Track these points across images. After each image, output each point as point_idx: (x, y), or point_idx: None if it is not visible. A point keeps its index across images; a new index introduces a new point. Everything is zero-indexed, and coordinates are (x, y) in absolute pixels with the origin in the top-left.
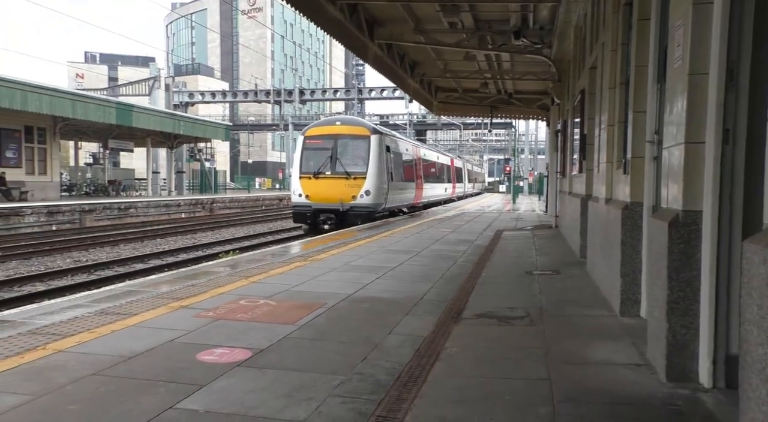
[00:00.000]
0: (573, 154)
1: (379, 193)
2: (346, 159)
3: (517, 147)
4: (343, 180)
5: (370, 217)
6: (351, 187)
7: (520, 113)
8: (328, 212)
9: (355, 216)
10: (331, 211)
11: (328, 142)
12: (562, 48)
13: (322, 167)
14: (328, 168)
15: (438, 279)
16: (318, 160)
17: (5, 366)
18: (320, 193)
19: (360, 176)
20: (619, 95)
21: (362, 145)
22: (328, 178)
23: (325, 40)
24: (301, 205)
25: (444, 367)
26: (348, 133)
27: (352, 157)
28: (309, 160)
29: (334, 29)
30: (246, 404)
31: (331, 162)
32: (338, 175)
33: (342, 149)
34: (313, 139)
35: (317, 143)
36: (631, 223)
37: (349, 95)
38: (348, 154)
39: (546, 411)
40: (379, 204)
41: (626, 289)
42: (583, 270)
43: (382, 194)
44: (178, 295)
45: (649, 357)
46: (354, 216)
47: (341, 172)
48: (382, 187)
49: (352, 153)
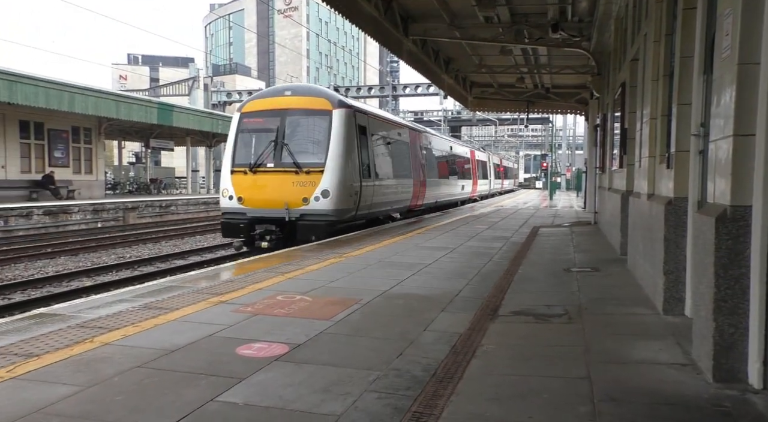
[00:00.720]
0: (613, 149)
1: (345, 194)
2: (296, 144)
3: (554, 142)
4: (292, 175)
5: (330, 230)
6: (302, 185)
7: (557, 108)
8: (268, 222)
9: (307, 229)
10: (272, 221)
11: (272, 120)
12: (601, 40)
13: (262, 157)
14: (271, 158)
15: (473, 276)
16: (257, 146)
17: (56, 358)
18: (258, 194)
19: (316, 169)
20: (662, 87)
21: (321, 123)
22: (271, 172)
23: (360, 37)
24: (231, 211)
25: (480, 364)
26: (301, 107)
27: (305, 141)
28: (244, 147)
29: (369, 26)
30: (284, 398)
31: (275, 149)
32: (285, 169)
33: (292, 130)
34: (252, 117)
35: (257, 123)
36: (674, 219)
37: (383, 92)
38: (300, 136)
39: (586, 410)
40: (345, 210)
41: (670, 287)
42: (624, 268)
43: (349, 195)
44: (217, 291)
45: (694, 356)
46: (306, 229)
47: (289, 163)
48: (349, 186)
49: (306, 135)
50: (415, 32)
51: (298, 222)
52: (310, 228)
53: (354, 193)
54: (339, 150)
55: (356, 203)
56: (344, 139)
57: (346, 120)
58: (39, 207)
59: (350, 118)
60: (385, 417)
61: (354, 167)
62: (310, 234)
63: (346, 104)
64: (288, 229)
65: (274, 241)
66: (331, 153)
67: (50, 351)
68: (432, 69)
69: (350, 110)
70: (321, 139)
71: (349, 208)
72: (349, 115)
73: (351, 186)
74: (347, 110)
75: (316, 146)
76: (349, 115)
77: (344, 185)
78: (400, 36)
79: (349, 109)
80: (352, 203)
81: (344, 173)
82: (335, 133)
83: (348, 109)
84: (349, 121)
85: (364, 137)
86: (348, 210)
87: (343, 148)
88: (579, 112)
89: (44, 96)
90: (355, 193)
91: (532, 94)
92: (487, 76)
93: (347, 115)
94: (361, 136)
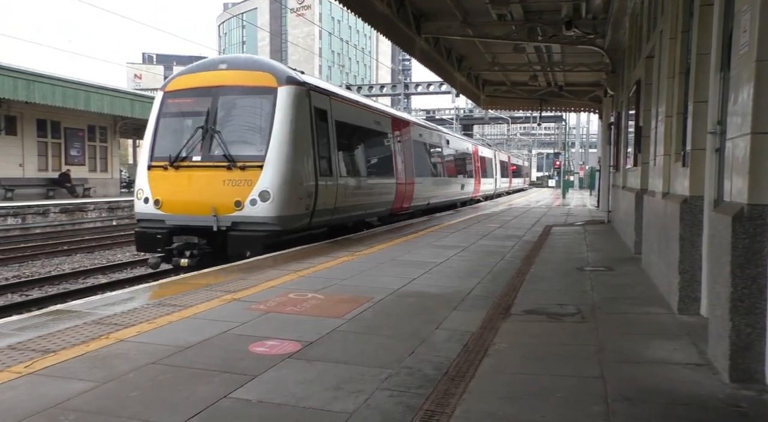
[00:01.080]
0: (627, 147)
1: (292, 196)
2: (230, 132)
3: (568, 140)
4: (223, 172)
5: (270, 243)
6: (236, 184)
7: (570, 106)
8: (192, 232)
9: (239, 242)
10: (197, 231)
11: (202, 100)
12: (616, 37)
13: (187, 149)
14: (198, 150)
15: (485, 275)
16: (181, 135)
17: (73, 354)
18: (181, 196)
19: (253, 164)
20: (678, 85)
21: (263, 105)
22: (197, 167)
23: (372, 35)
24: (147, 218)
25: (492, 363)
26: (238, 84)
27: (242, 128)
28: (166, 136)
29: (381, 24)
30: (296, 395)
31: (204, 138)
32: (214, 163)
33: (225, 114)
34: (178, 97)
35: (184, 104)
36: (690, 218)
37: (395, 90)
38: (235, 122)
39: (600, 409)
40: (293, 216)
41: (685, 286)
42: (638, 267)
43: (299, 198)
44: (230, 288)
45: (710, 356)
46: (238, 242)
47: (219, 156)
48: (299, 186)
49: (244, 120)
50: (428, 30)
51: (229, 232)
52: (243, 240)
53: (307, 194)
54: (285, 139)
55: (310, 207)
56: (293, 124)
57: (297, 100)
58: (55, 205)
59: (302, 99)
60: (397, 415)
61: (307, 161)
62: (243, 249)
63: (297, 80)
64: (219, 242)
65: (197, 258)
66: (274, 143)
67: (67, 348)
68: (444, 67)
69: (302, 88)
70: (262, 125)
71: (300, 214)
72: (301, 94)
73: (301, 185)
74: (298, 88)
75: (256, 134)
76: (301, 95)
77: (291, 184)
78: (413, 34)
79: (301, 86)
80: (304, 207)
81: (291, 169)
82: (281, 116)
83: (299, 86)
84: (301, 102)
85: (324, 124)
86: (298, 216)
87: (290, 137)
88: (593, 110)
89: (61, 95)
90: (308, 195)
91: (545, 92)
92: (499, 74)
93: (298, 95)
94: (320, 123)
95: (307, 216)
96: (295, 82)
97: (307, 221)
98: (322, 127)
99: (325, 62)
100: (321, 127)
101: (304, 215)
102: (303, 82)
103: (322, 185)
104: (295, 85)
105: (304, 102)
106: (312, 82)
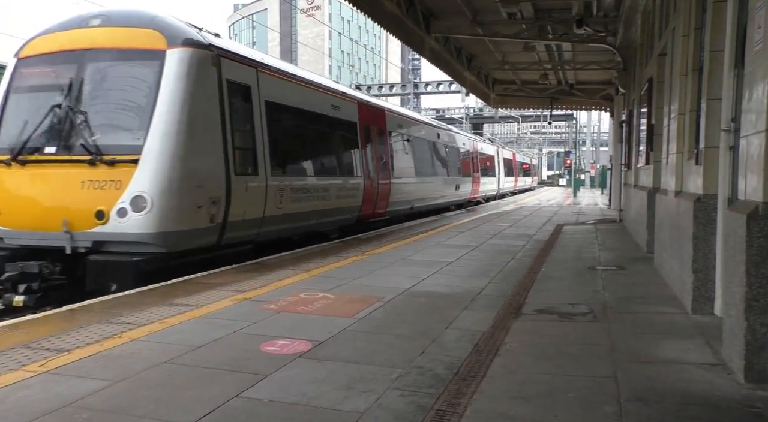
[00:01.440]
0: (639, 146)
1: (184, 204)
2: (97, 113)
3: (578, 139)
4: (83, 169)
5: (148, 270)
6: (99, 187)
7: (581, 104)
8: (42, 255)
9: (102, 271)
10: (48, 253)
11: (63, 69)
12: (627, 35)
13: (37, 138)
14: (52, 139)
15: (496, 274)
16: (32, 118)
17: (87, 353)
18: (25, 203)
19: (125, 158)
20: (691, 82)
21: (144, 74)
22: (48, 164)
23: (382, 35)
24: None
25: (504, 363)
26: (113, 46)
27: (113, 106)
28: (14, 121)
29: (390, 24)
30: (307, 394)
31: (60, 123)
32: (72, 157)
33: (93, 87)
34: (35, 65)
35: (42, 74)
36: (704, 216)
37: (405, 90)
38: (104, 99)
39: (612, 410)
40: (186, 233)
41: (699, 286)
42: (650, 266)
43: (195, 206)
44: (241, 288)
45: (724, 356)
46: (100, 271)
47: (78, 147)
48: (195, 189)
49: (117, 96)
50: (437, 29)
51: (89, 256)
52: (106, 268)
53: (210, 200)
54: (173, 122)
55: (218, 219)
56: (187, 102)
57: (196, 69)
58: None
59: (205, 67)
60: (409, 415)
61: (211, 155)
62: (107, 280)
63: (198, 42)
64: (77, 268)
65: (38, 294)
66: (158, 128)
67: (80, 347)
68: (454, 66)
69: (205, 53)
70: (142, 103)
71: (199, 230)
72: (203, 60)
73: (200, 188)
74: (198, 52)
75: (133, 116)
76: (203, 62)
77: (182, 187)
78: (422, 33)
79: (205, 50)
80: (206, 219)
81: (182, 166)
82: (169, 90)
83: (201, 50)
84: (203, 71)
85: (246, 105)
86: (195, 232)
87: (181, 119)
88: (604, 109)
89: None
90: (212, 202)
91: (555, 90)
92: (509, 72)
93: (198, 61)
94: (239, 103)
95: (214, 231)
96: (195, 44)
97: (215, 238)
98: (243, 109)
99: (335, 62)
100: (240, 109)
101: (206, 230)
102: (208, 44)
103: (238, 188)
104: (193, 47)
105: (209, 72)
106: (225, 46)
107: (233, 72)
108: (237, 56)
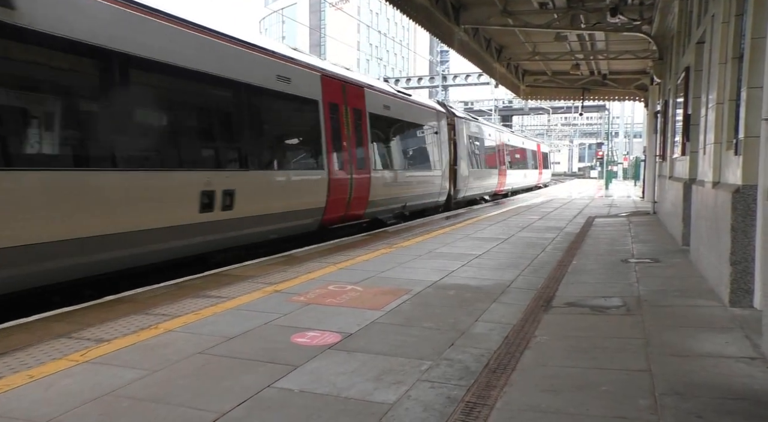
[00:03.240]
0: (675, 136)
1: None
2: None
3: (611, 130)
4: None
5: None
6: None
7: (614, 95)
8: None
9: None
10: None
11: None
12: (664, 23)
13: None
14: None
15: (525, 267)
16: None
17: (125, 343)
18: None
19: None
20: (730, 71)
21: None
22: None
23: (410, 27)
24: None
25: (534, 355)
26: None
27: None
28: None
29: (420, 16)
30: (337, 386)
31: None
32: None
33: None
34: None
35: None
36: (742, 208)
37: (433, 82)
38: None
39: (647, 403)
40: None
41: (737, 278)
42: (686, 259)
43: None
44: (271, 280)
45: (764, 350)
46: None
47: None
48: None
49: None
50: (467, 20)
51: None
52: None
53: None
54: None
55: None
56: None
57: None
58: None
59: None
60: (439, 406)
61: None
62: None
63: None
64: None
65: None
66: None
67: (119, 337)
68: (483, 58)
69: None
70: None
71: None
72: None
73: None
74: None
75: None
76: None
77: None
78: (452, 25)
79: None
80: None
81: None
82: None
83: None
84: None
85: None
86: None
87: None
88: (638, 99)
89: None
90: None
91: (587, 81)
92: (540, 63)
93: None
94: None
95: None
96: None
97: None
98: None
99: (363, 55)
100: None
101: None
102: None
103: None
104: None
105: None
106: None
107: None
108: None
